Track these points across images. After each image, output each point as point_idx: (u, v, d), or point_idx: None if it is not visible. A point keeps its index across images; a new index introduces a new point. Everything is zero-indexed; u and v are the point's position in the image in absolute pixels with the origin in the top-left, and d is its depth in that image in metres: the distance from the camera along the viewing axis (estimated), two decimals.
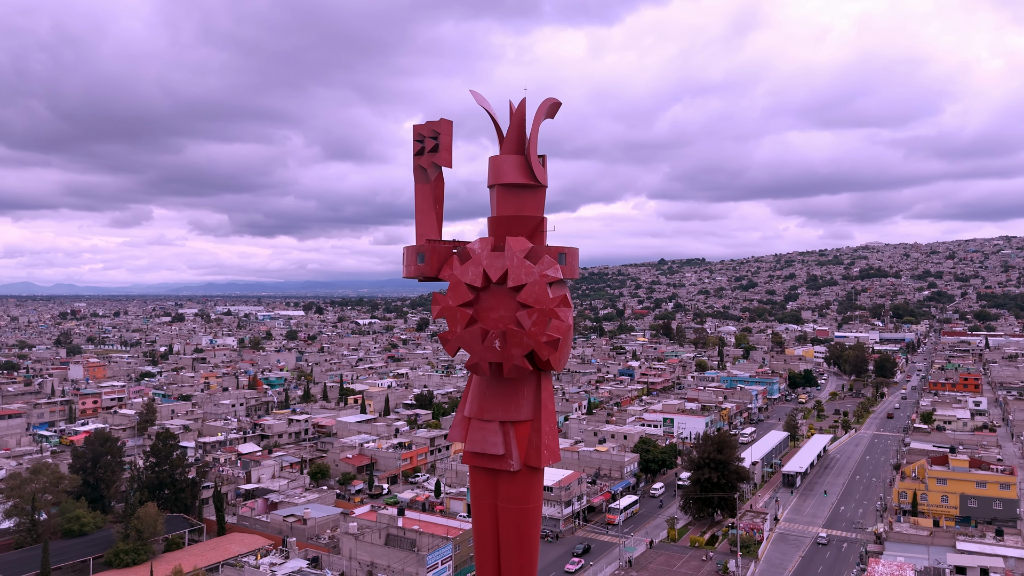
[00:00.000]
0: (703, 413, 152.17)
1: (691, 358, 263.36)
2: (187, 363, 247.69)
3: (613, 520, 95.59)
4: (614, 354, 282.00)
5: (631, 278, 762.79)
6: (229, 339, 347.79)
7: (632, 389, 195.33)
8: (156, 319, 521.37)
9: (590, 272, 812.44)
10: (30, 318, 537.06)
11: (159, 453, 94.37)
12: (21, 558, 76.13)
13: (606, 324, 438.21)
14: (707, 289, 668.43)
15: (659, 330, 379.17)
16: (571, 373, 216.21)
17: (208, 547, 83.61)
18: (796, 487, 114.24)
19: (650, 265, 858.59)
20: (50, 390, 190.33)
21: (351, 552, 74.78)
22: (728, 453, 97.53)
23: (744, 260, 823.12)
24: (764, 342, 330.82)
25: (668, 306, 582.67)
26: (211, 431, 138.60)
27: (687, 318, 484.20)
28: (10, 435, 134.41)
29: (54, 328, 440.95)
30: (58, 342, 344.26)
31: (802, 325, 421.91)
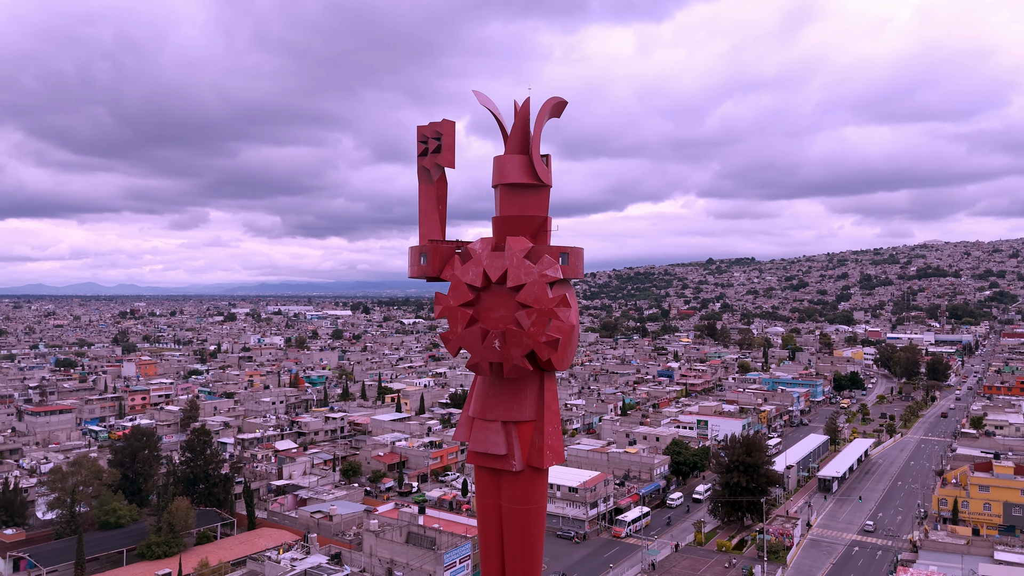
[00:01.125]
0: (740, 415, 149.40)
1: (734, 359, 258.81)
2: (234, 361, 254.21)
3: (619, 534, 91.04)
4: (655, 355, 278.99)
5: (678, 278, 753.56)
6: (276, 338, 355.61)
7: (671, 391, 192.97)
8: (209, 318, 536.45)
9: (636, 272, 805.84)
10: (92, 317, 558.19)
11: (194, 448, 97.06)
12: (59, 548, 79.30)
13: (650, 324, 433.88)
14: (756, 289, 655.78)
15: (704, 331, 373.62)
16: (609, 374, 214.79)
17: (237, 541, 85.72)
18: (832, 492, 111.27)
19: (698, 265, 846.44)
20: (103, 387, 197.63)
21: (371, 549, 75.74)
22: (758, 456, 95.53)
23: (795, 259, 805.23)
24: (812, 343, 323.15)
25: (715, 306, 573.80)
26: (251, 428, 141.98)
27: (734, 319, 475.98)
28: (61, 430, 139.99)
29: (113, 327, 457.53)
30: (115, 340, 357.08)
31: (853, 326, 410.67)
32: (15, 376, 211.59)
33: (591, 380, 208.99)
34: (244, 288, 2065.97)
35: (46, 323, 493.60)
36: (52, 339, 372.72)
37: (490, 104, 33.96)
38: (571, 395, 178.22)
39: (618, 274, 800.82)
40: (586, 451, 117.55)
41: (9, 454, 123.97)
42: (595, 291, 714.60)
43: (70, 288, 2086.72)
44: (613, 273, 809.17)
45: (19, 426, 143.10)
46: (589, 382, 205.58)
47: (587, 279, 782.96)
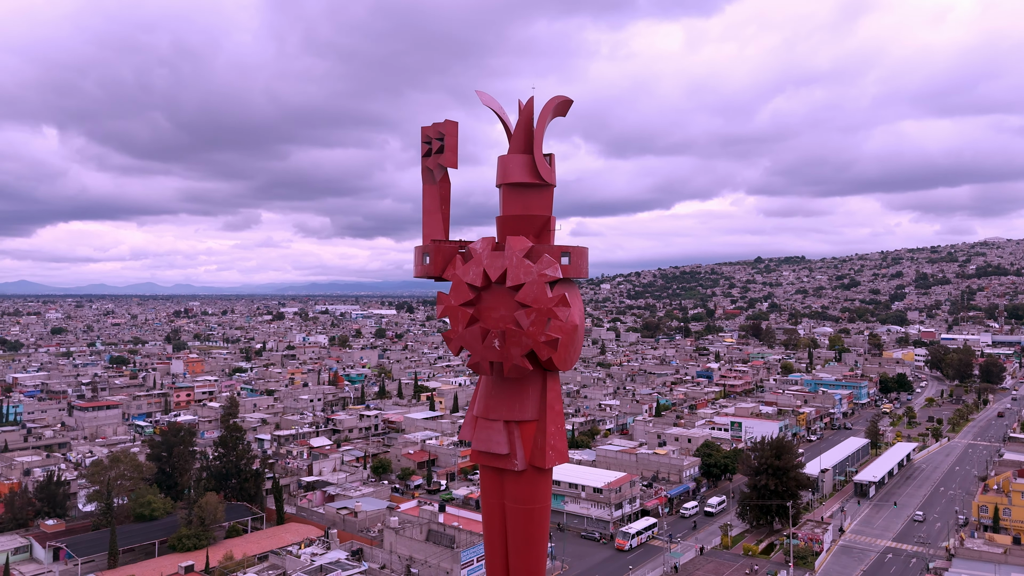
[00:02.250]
0: (777, 417, 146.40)
1: (777, 360, 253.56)
2: (277, 359, 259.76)
3: (622, 546, 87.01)
4: (696, 355, 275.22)
5: (725, 277, 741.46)
6: (321, 337, 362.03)
7: (709, 392, 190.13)
8: (258, 318, 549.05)
9: (682, 271, 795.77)
10: (148, 316, 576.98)
11: (226, 444, 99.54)
12: (95, 539, 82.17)
13: (694, 324, 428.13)
14: (805, 288, 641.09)
15: (748, 331, 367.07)
16: (646, 375, 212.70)
17: (265, 535, 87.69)
18: (869, 497, 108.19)
19: (746, 263, 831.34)
20: (152, 383, 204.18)
21: (391, 546, 76.60)
22: (787, 459, 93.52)
23: (847, 258, 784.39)
24: (861, 344, 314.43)
25: (763, 306, 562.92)
26: (288, 425, 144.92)
27: (782, 318, 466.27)
28: (108, 424, 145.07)
29: (167, 326, 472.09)
30: (167, 339, 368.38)
31: (906, 327, 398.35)
32: (70, 373, 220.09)
33: (628, 380, 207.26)
34: (294, 288, 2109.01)
35: (104, 322, 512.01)
36: (109, 337, 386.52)
37: (493, 104, 34.07)
38: (606, 395, 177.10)
39: (663, 273, 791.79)
40: (615, 452, 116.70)
41: (58, 447, 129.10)
42: (639, 290, 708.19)
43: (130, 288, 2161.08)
44: (658, 272, 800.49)
45: (69, 421, 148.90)
46: (625, 382, 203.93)
47: (631, 278, 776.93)
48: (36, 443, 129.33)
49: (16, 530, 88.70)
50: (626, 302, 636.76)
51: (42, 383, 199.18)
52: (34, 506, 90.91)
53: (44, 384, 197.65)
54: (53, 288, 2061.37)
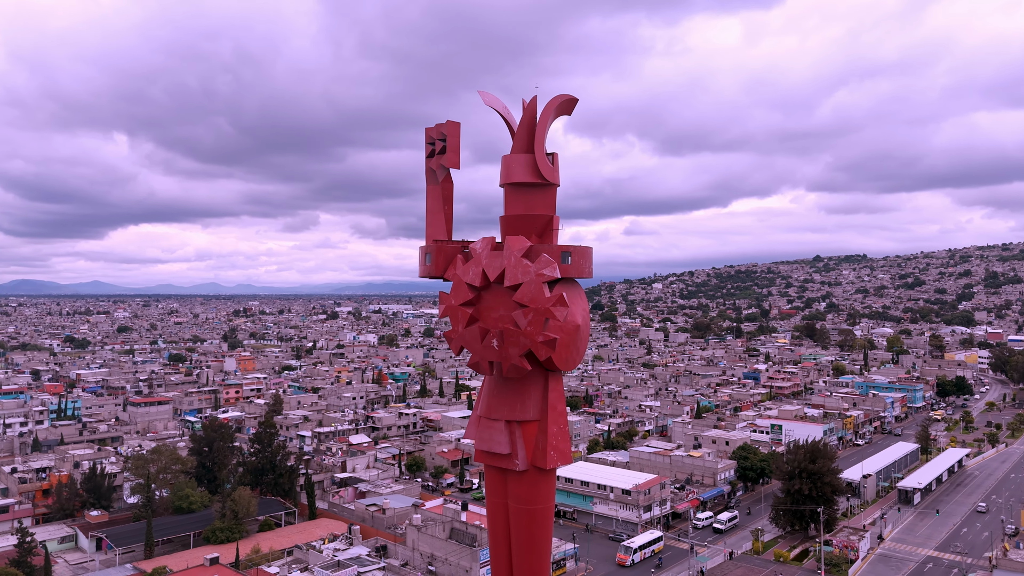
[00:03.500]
0: (823, 420, 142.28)
1: (829, 362, 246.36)
2: (326, 358, 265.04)
3: (624, 561, 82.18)
4: (746, 356, 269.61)
5: (781, 276, 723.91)
6: (371, 336, 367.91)
7: (755, 393, 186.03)
8: (313, 317, 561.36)
9: (737, 270, 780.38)
10: (209, 315, 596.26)
11: (262, 440, 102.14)
12: (135, 529, 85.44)
13: (747, 325, 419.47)
14: (866, 288, 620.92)
15: (803, 331, 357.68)
16: (691, 376, 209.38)
17: (295, 530, 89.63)
18: (913, 504, 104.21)
19: (804, 262, 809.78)
20: (205, 380, 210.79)
21: (414, 543, 77.35)
22: (823, 463, 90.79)
23: (911, 256, 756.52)
24: (922, 346, 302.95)
25: (820, 306, 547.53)
26: (329, 422, 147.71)
27: (839, 319, 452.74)
28: (159, 420, 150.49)
29: (225, 325, 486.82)
30: (224, 337, 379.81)
31: (972, 328, 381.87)
32: (129, 369, 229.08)
33: (671, 381, 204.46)
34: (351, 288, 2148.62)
35: (168, 321, 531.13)
36: (170, 335, 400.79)
37: (496, 104, 34.17)
38: (646, 396, 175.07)
39: (717, 272, 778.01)
40: (648, 453, 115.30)
41: (111, 441, 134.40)
42: (692, 290, 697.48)
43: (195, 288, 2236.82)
44: (712, 272, 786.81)
45: (123, 416, 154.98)
46: (669, 383, 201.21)
47: (684, 278, 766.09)
48: (90, 437, 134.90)
49: (63, 520, 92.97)
50: (678, 302, 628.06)
51: (103, 379, 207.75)
52: (81, 497, 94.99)
53: (105, 380, 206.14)
54: (124, 288, 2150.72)
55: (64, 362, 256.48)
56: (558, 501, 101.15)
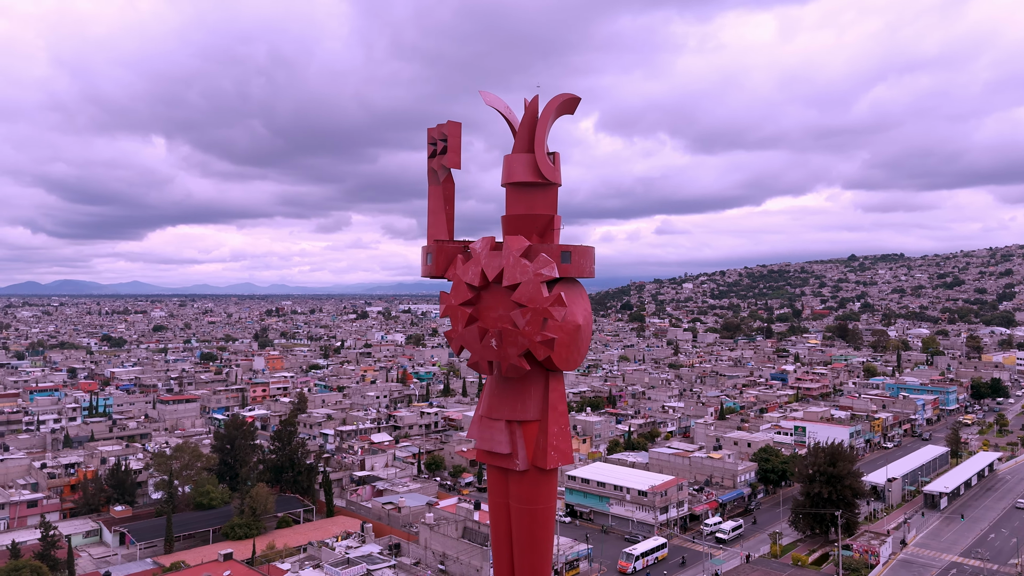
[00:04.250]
0: (850, 423, 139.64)
1: (861, 363, 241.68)
2: (354, 357, 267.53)
3: (625, 569, 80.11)
4: (775, 357, 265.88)
5: (815, 276, 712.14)
6: (399, 335, 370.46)
7: (782, 395, 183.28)
8: (343, 317, 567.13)
9: (769, 270, 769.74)
10: (242, 315, 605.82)
11: (282, 438, 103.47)
12: (155, 525, 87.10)
13: (778, 325, 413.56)
14: (903, 287, 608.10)
15: (835, 332, 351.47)
16: (717, 376, 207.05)
17: (312, 527, 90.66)
18: (939, 509, 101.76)
19: (838, 262, 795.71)
20: (234, 378, 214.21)
21: (426, 542, 77.70)
22: (843, 466, 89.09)
23: (951, 255, 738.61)
24: (959, 347, 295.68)
25: (854, 306, 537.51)
26: (353, 421, 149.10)
27: (874, 319, 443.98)
28: (186, 417, 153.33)
29: (257, 324, 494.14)
30: (256, 336, 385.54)
31: (1013, 328, 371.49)
32: (161, 368, 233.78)
33: (697, 382, 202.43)
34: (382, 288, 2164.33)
35: (202, 320, 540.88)
36: (203, 335, 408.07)
37: (497, 104, 34.24)
38: (670, 397, 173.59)
39: (749, 272, 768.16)
40: (668, 455, 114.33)
41: (139, 438, 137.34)
42: (724, 290, 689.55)
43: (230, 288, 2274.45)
44: (744, 271, 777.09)
45: (152, 413, 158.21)
46: (694, 384, 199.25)
47: (715, 277, 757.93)
48: (120, 434, 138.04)
49: (89, 515, 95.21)
50: (709, 302, 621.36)
51: (136, 377, 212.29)
52: (106, 492, 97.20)
53: (137, 378, 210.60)
54: (162, 288, 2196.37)
55: (100, 360, 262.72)
56: (574, 501, 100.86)
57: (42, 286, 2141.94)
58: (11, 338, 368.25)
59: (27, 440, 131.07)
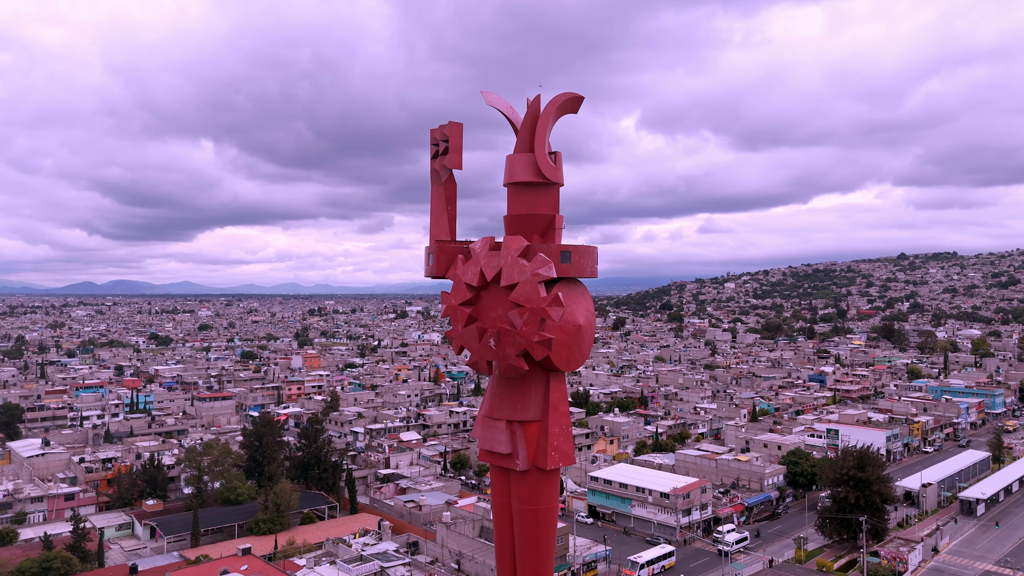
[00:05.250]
0: (888, 426, 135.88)
1: (905, 365, 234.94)
2: (389, 356, 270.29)
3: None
4: (815, 358, 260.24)
5: (862, 275, 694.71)
6: (435, 335, 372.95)
7: (819, 397, 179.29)
8: (383, 316, 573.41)
9: (814, 269, 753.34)
10: (285, 315, 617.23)
11: (308, 436, 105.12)
12: (184, 519, 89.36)
13: (822, 325, 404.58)
14: (955, 287, 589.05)
15: (880, 332, 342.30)
16: (752, 377, 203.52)
17: (334, 524, 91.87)
18: (977, 516, 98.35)
19: (887, 261, 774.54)
20: (272, 377, 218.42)
21: (443, 540, 78.11)
22: (872, 471, 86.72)
23: (1006, 253, 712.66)
24: (1011, 348, 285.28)
25: (903, 306, 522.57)
26: (383, 419, 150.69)
27: (923, 320, 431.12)
28: (222, 414, 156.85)
29: (300, 323, 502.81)
30: (297, 335, 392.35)
31: None
32: (203, 366, 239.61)
33: (732, 383, 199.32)
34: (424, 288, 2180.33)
35: (247, 319, 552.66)
36: (247, 333, 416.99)
37: (499, 104, 34.42)
38: (703, 398, 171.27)
39: (794, 271, 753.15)
40: (694, 457, 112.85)
41: (176, 434, 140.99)
42: (767, 290, 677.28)
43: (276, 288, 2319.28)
44: (788, 270, 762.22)
45: (190, 410, 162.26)
46: (729, 385, 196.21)
47: (758, 277, 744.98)
48: (158, 430, 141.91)
49: (122, 508, 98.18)
50: (751, 302, 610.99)
51: (178, 375, 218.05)
52: (139, 487, 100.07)
53: (179, 376, 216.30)
54: (210, 288, 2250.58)
55: (146, 358, 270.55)
56: (597, 503, 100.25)
57: (98, 286, 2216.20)
58: (64, 336, 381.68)
59: (70, 435, 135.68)
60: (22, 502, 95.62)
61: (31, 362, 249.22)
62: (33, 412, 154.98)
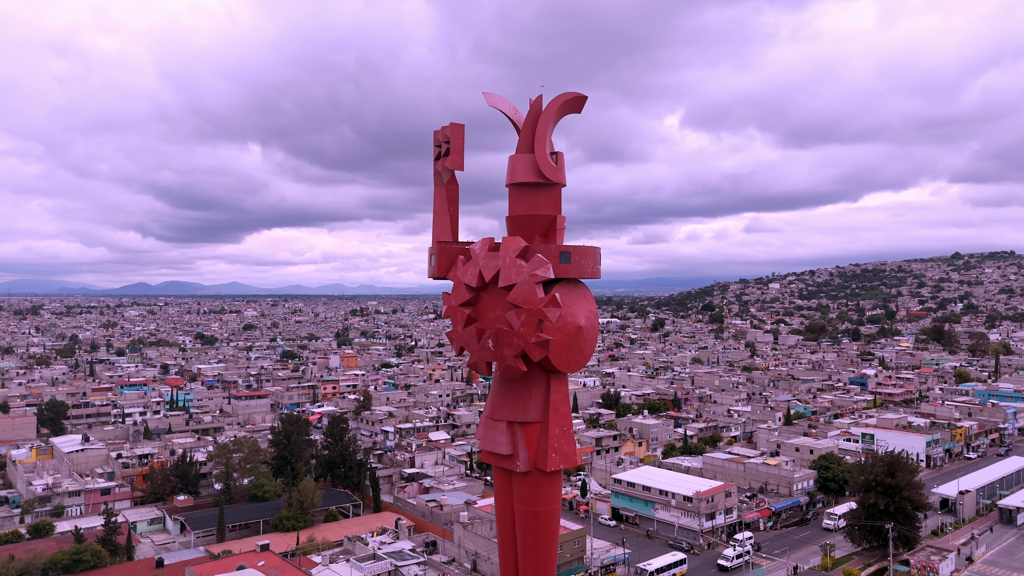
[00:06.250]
0: (928, 431, 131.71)
1: (954, 368, 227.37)
2: (425, 356, 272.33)
3: None
4: (859, 360, 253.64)
5: (913, 275, 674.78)
6: None
7: (859, 400, 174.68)
8: (423, 316, 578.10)
9: (863, 269, 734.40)
10: (328, 315, 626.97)
11: (333, 435, 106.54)
12: (211, 515, 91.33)
13: (868, 327, 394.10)
14: (1012, 287, 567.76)
15: (930, 334, 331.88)
16: (791, 380, 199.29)
17: (357, 522, 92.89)
18: (1017, 525, 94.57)
19: (940, 260, 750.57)
20: (309, 376, 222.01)
21: (460, 540, 78.33)
22: (903, 477, 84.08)
23: None
24: None
25: (956, 307, 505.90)
26: (414, 418, 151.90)
27: (977, 321, 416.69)
28: (257, 412, 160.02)
29: (341, 323, 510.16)
30: (337, 335, 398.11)
31: None
32: (243, 365, 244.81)
33: (769, 386, 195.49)
34: None
35: (290, 319, 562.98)
36: (290, 333, 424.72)
37: (500, 104, 34.55)
38: (737, 401, 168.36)
39: (841, 271, 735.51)
40: (722, 460, 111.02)
41: (213, 432, 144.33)
42: (813, 290, 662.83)
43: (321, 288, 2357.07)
44: (836, 271, 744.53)
45: (227, 408, 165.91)
46: (766, 387, 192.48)
47: (804, 277, 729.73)
48: (195, 427, 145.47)
49: (155, 503, 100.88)
50: (796, 302, 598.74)
51: (219, 374, 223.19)
52: (171, 483, 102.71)
53: (220, 375, 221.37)
54: (258, 288, 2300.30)
55: (190, 357, 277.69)
56: (620, 505, 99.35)
57: (151, 287, 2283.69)
58: (115, 336, 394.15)
59: (111, 432, 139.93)
60: (60, 496, 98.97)
61: (81, 360, 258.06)
62: (78, 409, 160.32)
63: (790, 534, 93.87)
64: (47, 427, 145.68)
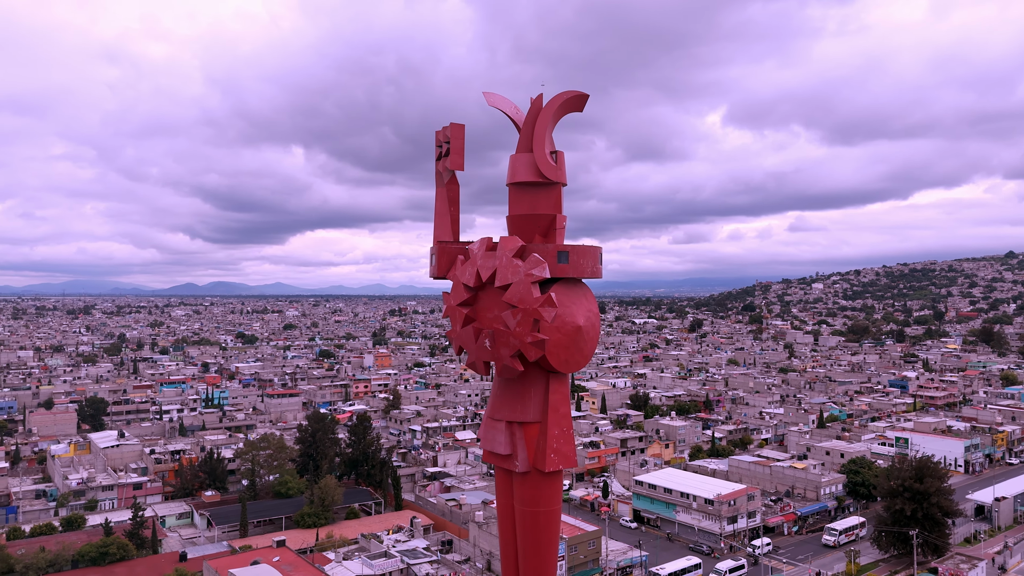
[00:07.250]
0: (967, 435, 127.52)
1: (1001, 370, 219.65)
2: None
3: None
4: (902, 362, 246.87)
5: (964, 275, 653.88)
6: None
7: (899, 403, 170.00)
8: None
9: (911, 268, 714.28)
10: (368, 314, 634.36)
11: (357, 433, 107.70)
12: (235, 510, 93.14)
13: (915, 328, 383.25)
14: None
15: (979, 336, 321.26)
16: (827, 382, 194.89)
17: (377, 520, 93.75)
18: None
19: (993, 259, 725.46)
20: (343, 375, 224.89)
21: (475, 539, 78.44)
22: (932, 483, 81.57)
23: None
24: None
25: (1008, 308, 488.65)
26: (442, 418, 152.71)
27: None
28: (289, 410, 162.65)
29: (379, 323, 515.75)
30: (374, 335, 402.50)
31: None
32: (280, 363, 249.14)
33: (805, 388, 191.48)
34: None
35: (330, 319, 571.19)
36: (328, 333, 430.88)
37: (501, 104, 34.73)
38: (770, 403, 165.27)
39: (888, 271, 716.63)
40: (748, 463, 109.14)
41: (245, 429, 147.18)
42: (858, 291, 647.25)
43: (363, 289, 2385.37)
44: (883, 270, 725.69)
45: (260, 406, 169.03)
46: (802, 389, 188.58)
47: (849, 277, 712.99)
48: (228, 424, 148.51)
49: (184, 498, 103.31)
50: (840, 303, 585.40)
51: (256, 372, 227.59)
52: (200, 478, 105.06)
53: (257, 373, 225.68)
54: (301, 289, 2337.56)
55: (230, 356, 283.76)
56: (641, 507, 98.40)
57: (199, 287, 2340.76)
58: (161, 335, 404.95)
59: (148, 428, 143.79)
60: (94, 490, 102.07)
61: (127, 358, 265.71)
62: (118, 405, 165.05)
63: (815, 539, 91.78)
64: (87, 423, 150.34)
